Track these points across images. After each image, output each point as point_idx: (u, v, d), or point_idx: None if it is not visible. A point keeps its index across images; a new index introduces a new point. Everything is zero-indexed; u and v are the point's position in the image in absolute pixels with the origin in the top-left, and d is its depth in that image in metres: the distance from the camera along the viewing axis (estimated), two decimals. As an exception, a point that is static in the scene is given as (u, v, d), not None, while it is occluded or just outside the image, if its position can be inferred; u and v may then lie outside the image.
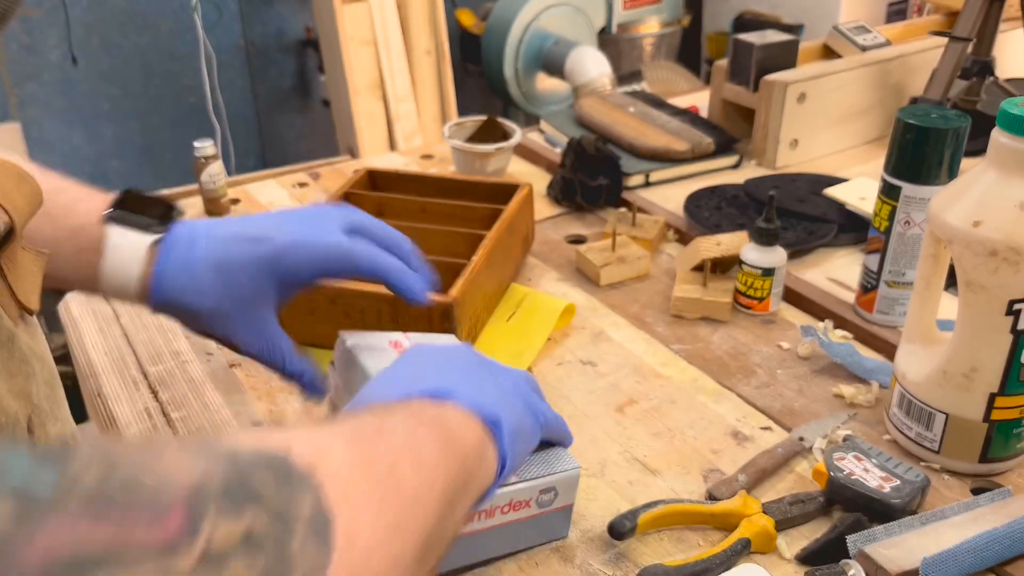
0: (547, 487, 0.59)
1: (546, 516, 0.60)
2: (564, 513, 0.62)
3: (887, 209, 0.80)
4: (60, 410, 0.41)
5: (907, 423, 0.69)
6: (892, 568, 0.56)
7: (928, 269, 0.68)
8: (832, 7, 2.66)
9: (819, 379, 0.80)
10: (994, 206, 0.60)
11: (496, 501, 0.58)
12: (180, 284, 0.59)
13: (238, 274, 0.59)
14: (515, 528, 0.60)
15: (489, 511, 0.58)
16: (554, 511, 0.61)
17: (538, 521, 0.60)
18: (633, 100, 1.32)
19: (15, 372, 0.37)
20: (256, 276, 0.59)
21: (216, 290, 0.59)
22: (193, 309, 0.59)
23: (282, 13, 2.94)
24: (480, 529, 0.58)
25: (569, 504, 0.61)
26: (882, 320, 0.84)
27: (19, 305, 0.39)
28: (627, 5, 2.84)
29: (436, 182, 1.01)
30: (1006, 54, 1.33)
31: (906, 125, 0.76)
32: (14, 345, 0.37)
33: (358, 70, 2.57)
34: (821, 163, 1.21)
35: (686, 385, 0.79)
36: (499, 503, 0.58)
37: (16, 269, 0.39)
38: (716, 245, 0.91)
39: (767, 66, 1.19)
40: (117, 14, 2.69)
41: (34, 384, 0.38)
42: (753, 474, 0.67)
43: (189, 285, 0.59)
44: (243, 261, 0.59)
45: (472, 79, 3.14)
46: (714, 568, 0.59)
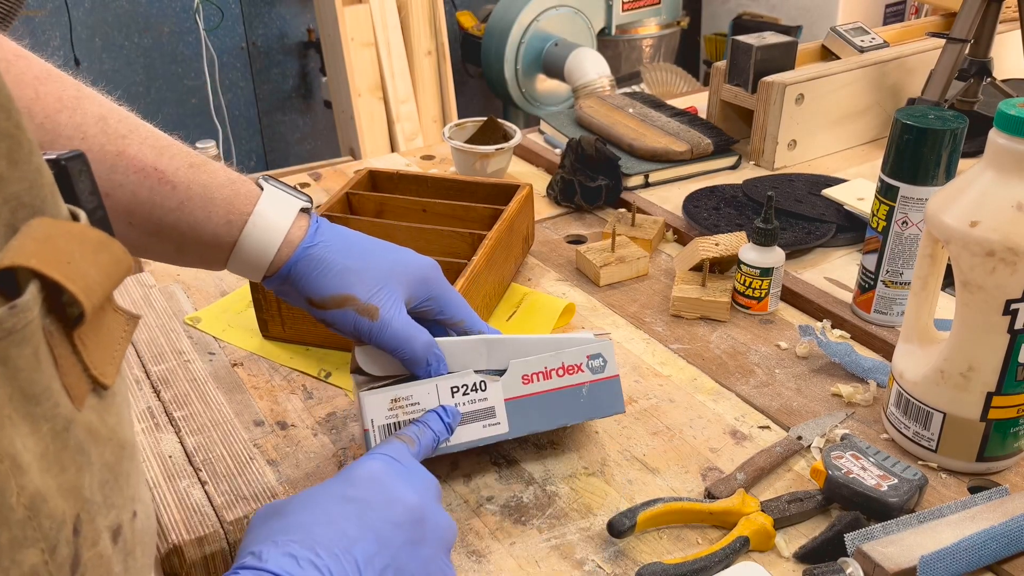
0: (593, 353, 0.65)
1: (599, 385, 0.65)
2: (614, 384, 0.66)
3: (885, 209, 0.80)
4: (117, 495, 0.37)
5: (905, 422, 0.70)
6: (890, 566, 0.57)
7: (925, 269, 0.68)
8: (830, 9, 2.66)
9: (817, 378, 0.80)
10: (991, 206, 0.61)
11: (549, 363, 0.64)
12: (333, 245, 0.62)
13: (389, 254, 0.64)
14: (573, 394, 0.65)
15: (546, 373, 0.64)
16: (605, 380, 0.66)
17: (593, 389, 0.65)
18: (632, 101, 1.32)
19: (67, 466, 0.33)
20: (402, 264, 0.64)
21: (368, 258, 0.63)
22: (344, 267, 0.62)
23: (284, 15, 2.95)
24: (539, 392, 0.64)
25: (616, 375, 0.66)
26: (880, 320, 0.85)
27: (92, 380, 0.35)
28: (626, 7, 2.85)
29: (437, 183, 1.01)
30: (1003, 55, 1.33)
31: (904, 126, 0.76)
32: (69, 434, 0.33)
33: (359, 72, 2.58)
34: (819, 164, 1.22)
35: (685, 384, 0.80)
36: (552, 365, 0.64)
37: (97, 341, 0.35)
38: (715, 245, 0.91)
39: (765, 67, 1.19)
40: (120, 16, 2.69)
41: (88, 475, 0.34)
42: (751, 473, 0.67)
43: (342, 249, 0.62)
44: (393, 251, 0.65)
45: (472, 80, 3.15)
46: (713, 566, 0.59)
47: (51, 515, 0.31)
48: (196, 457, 0.72)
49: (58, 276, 0.32)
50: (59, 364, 0.33)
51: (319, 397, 0.78)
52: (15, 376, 0.30)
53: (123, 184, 0.59)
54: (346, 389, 0.79)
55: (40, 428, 0.31)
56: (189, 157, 0.60)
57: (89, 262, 0.34)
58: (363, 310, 0.61)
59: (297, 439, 0.73)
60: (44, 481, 0.31)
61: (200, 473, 0.70)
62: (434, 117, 2.77)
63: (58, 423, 0.32)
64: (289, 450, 0.72)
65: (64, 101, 0.59)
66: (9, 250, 0.31)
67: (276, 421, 0.76)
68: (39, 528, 0.31)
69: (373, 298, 0.62)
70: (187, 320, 0.90)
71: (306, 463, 0.71)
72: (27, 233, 0.32)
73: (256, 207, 0.61)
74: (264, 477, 0.69)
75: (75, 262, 0.33)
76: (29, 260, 0.31)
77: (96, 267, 0.34)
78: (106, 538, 0.35)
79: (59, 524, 0.32)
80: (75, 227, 0.35)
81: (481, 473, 0.69)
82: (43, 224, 0.33)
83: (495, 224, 0.89)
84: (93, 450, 0.35)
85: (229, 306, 0.92)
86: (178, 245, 0.61)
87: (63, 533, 0.32)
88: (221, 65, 2.85)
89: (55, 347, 0.33)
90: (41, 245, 0.32)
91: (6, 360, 0.30)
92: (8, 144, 0.32)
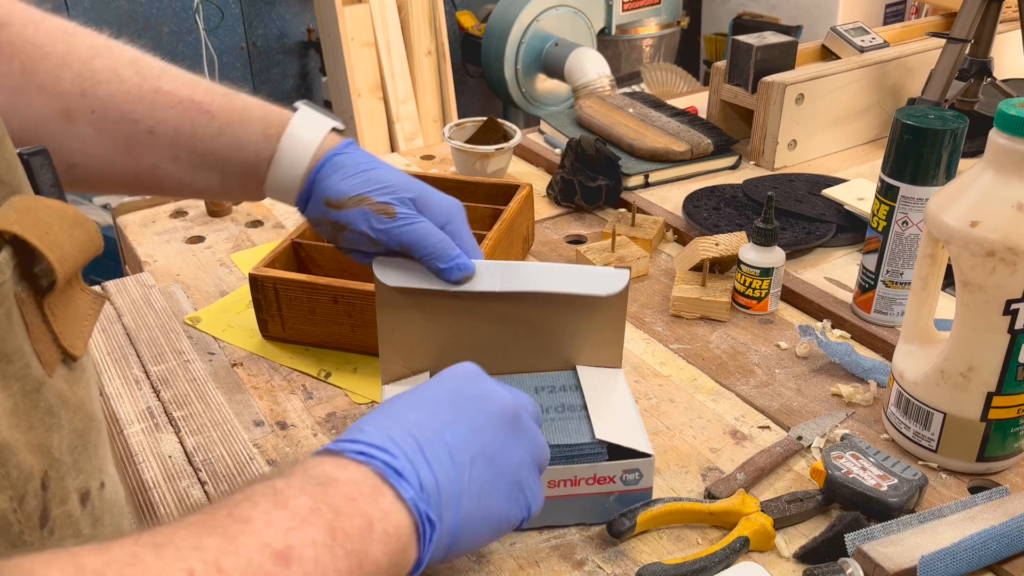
0: (630, 468, 0.62)
1: (629, 495, 0.63)
2: (646, 495, 0.64)
3: (885, 209, 0.80)
4: (86, 462, 0.39)
5: (905, 422, 0.70)
6: (890, 566, 0.57)
7: (926, 269, 0.68)
8: (830, 8, 2.66)
9: (817, 378, 0.80)
10: (991, 206, 0.61)
11: (580, 472, 0.61)
12: (357, 156, 0.64)
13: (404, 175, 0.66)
14: (599, 500, 0.63)
15: (574, 480, 0.61)
16: (636, 491, 0.63)
17: (622, 498, 0.63)
18: (632, 101, 1.32)
19: (36, 424, 0.35)
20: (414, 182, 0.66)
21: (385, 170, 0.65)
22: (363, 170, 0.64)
23: (284, 15, 2.94)
24: (563, 495, 0.62)
25: (650, 487, 0.64)
26: (880, 320, 0.85)
27: (62, 351, 0.37)
28: (626, 7, 2.85)
29: (437, 182, 1.01)
30: (1004, 55, 1.33)
31: (904, 126, 0.76)
32: (39, 395, 0.35)
33: (359, 71, 2.58)
34: (819, 164, 1.22)
35: (685, 384, 0.79)
36: (583, 475, 0.61)
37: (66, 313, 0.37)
38: (715, 245, 0.91)
39: (765, 67, 1.19)
40: (119, 15, 2.69)
41: (56, 436, 0.36)
42: (751, 473, 0.67)
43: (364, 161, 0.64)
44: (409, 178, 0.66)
45: (472, 80, 3.15)
46: (713, 566, 0.59)
47: (18, 466, 0.33)
48: (196, 457, 0.72)
49: (36, 242, 0.34)
50: (30, 329, 0.35)
51: (319, 397, 0.78)
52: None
53: (165, 120, 0.62)
54: (346, 389, 0.79)
55: (11, 386, 0.33)
56: (222, 88, 0.64)
57: (65, 235, 0.36)
58: (379, 208, 0.63)
59: (297, 439, 0.73)
60: (13, 435, 0.33)
61: (200, 473, 0.70)
62: (434, 117, 2.77)
63: (28, 383, 0.34)
64: (289, 450, 0.72)
65: (96, 49, 0.62)
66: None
67: (276, 421, 0.76)
68: (7, 477, 0.33)
69: (390, 199, 0.63)
70: (187, 320, 0.89)
71: (306, 463, 0.71)
72: (9, 204, 0.34)
73: (291, 122, 0.64)
74: (264, 477, 0.69)
75: (53, 233, 0.35)
76: (11, 226, 0.33)
77: (71, 240, 0.36)
78: (74, 499, 0.37)
79: (27, 476, 0.34)
80: (54, 203, 0.37)
81: (481, 473, 0.69)
82: (24, 199, 0.35)
83: (495, 224, 0.89)
84: (63, 414, 0.37)
85: (229, 306, 0.92)
86: (222, 172, 0.64)
87: (31, 485, 0.34)
88: (221, 65, 2.85)
89: (26, 313, 0.35)
90: (23, 215, 0.34)
91: None
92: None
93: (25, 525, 0.33)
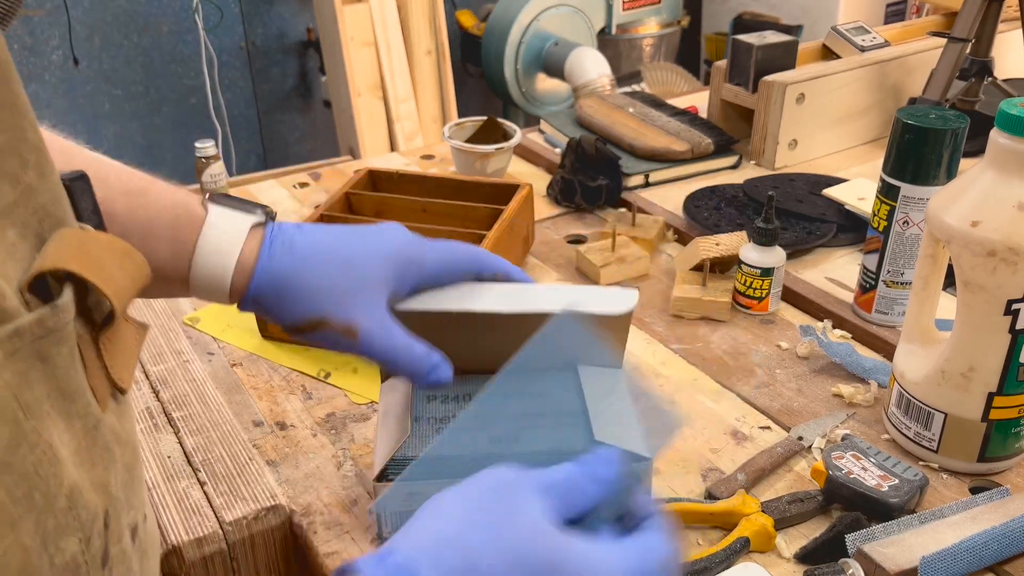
0: None
1: None
2: None
3: (886, 209, 0.80)
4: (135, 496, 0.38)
5: (906, 422, 0.70)
6: (891, 567, 0.57)
7: (926, 269, 0.68)
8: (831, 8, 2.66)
9: (818, 379, 0.80)
10: (992, 206, 0.61)
11: None
12: (292, 262, 0.55)
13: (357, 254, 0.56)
14: None
15: None
16: None
17: None
18: (632, 101, 1.32)
19: (96, 462, 0.34)
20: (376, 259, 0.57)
21: (334, 269, 0.56)
22: (308, 286, 0.55)
23: (283, 14, 2.94)
24: None
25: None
26: (881, 320, 0.85)
27: (112, 384, 0.36)
28: (626, 6, 2.85)
29: (436, 182, 1.01)
30: (1004, 55, 1.33)
31: (905, 125, 0.76)
32: (98, 432, 0.34)
33: (359, 71, 2.58)
34: (820, 163, 1.21)
35: (685, 384, 0.79)
36: None
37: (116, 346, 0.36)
38: (715, 245, 0.91)
39: (766, 67, 1.19)
40: (119, 15, 2.69)
41: (113, 473, 0.35)
42: (752, 473, 0.67)
43: (303, 263, 0.55)
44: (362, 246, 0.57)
45: (472, 80, 3.15)
46: (713, 567, 0.59)
47: (86, 507, 0.33)
48: (195, 457, 0.71)
49: (94, 279, 0.33)
50: (87, 366, 0.34)
51: (318, 397, 0.78)
52: (54, 374, 0.31)
53: None
54: (346, 389, 0.79)
55: (74, 425, 0.33)
56: (127, 183, 0.54)
57: (117, 267, 0.35)
58: (342, 330, 0.55)
59: (296, 439, 0.73)
60: (79, 474, 0.33)
61: (199, 473, 0.70)
62: (434, 117, 2.77)
63: (89, 421, 0.34)
64: (288, 450, 0.72)
65: None
66: (48, 255, 0.32)
67: (275, 421, 0.75)
68: (77, 518, 0.32)
69: (349, 315, 0.55)
70: (186, 320, 0.89)
71: (305, 464, 0.71)
72: (61, 240, 0.33)
73: (201, 234, 0.55)
74: (263, 477, 0.69)
75: (106, 267, 0.34)
76: (68, 263, 0.32)
77: (123, 273, 0.35)
78: (127, 536, 0.37)
79: (93, 516, 0.33)
80: (102, 236, 0.36)
81: (481, 473, 0.69)
82: (73, 233, 0.34)
83: (495, 224, 0.89)
84: (117, 450, 0.36)
85: (228, 306, 0.91)
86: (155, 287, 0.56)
87: (96, 525, 0.34)
88: (220, 64, 2.85)
89: (84, 350, 0.34)
90: (77, 251, 0.33)
91: (46, 358, 0.31)
92: (37, 157, 0.33)
93: (91, 566, 0.33)
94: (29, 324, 0.30)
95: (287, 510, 0.67)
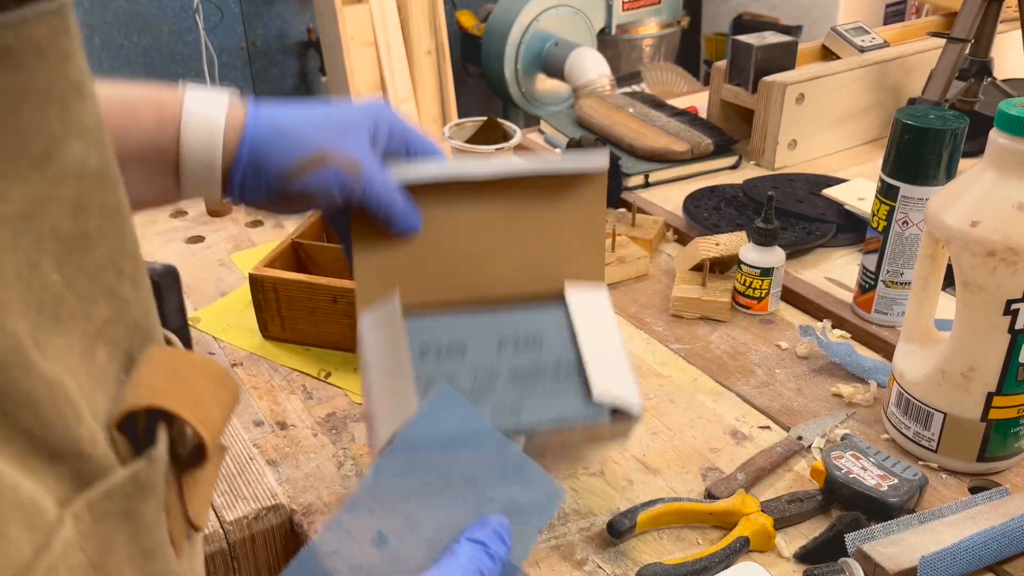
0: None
1: None
2: None
3: (885, 209, 0.80)
4: None
5: (905, 422, 0.70)
6: (890, 566, 0.57)
7: (926, 269, 0.68)
8: (830, 8, 2.66)
9: (817, 378, 0.80)
10: (992, 206, 0.61)
11: None
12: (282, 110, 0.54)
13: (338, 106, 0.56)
14: None
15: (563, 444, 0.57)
16: None
17: None
18: (632, 101, 1.32)
19: None
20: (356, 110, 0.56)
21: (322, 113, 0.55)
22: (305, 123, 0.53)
23: (283, 14, 2.94)
24: None
25: None
26: (880, 320, 0.85)
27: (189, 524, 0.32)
28: (626, 7, 2.85)
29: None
30: (1004, 55, 1.33)
31: (904, 126, 0.76)
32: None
33: (359, 71, 2.58)
34: (819, 163, 1.21)
35: (685, 384, 0.79)
36: None
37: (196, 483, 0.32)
38: (715, 245, 0.91)
39: (766, 67, 1.19)
40: (119, 15, 2.69)
41: None
42: (752, 473, 0.67)
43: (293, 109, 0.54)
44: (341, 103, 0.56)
45: (472, 80, 3.15)
46: (713, 566, 0.59)
47: None
48: (196, 457, 0.71)
49: (191, 417, 0.30)
50: (169, 513, 0.30)
51: (319, 397, 0.78)
52: (138, 532, 0.28)
53: None
54: (346, 389, 0.79)
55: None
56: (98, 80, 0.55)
57: (214, 401, 0.32)
58: (346, 165, 0.53)
59: (297, 439, 0.73)
60: None
61: (200, 473, 0.70)
62: (434, 117, 2.77)
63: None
64: (289, 450, 0.72)
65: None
66: (141, 386, 0.29)
67: (276, 421, 0.76)
68: None
69: (350, 149, 0.53)
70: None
71: (306, 463, 0.71)
72: (152, 365, 0.30)
73: (184, 98, 0.52)
74: (264, 477, 0.69)
75: (203, 402, 0.31)
76: (164, 399, 0.29)
77: (219, 406, 0.32)
78: None
79: None
80: (196, 359, 0.32)
81: (481, 473, 0.69)
82: (165, 355, 0.31)
83: (495, 224, 0.89)
84: None
85: (229, 306, 0.92)
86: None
87: None
88: (221, 65, 2.85)
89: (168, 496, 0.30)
90: (171, 382, 0.30)
91: (134, 517, 0.28)
92: (133, 266, 0.30)
93: None
94: (122, 483, 0.27)
95: (288, 509, 0.67)
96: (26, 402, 0.24)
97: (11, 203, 0.24)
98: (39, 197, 0.25)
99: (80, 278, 0.27)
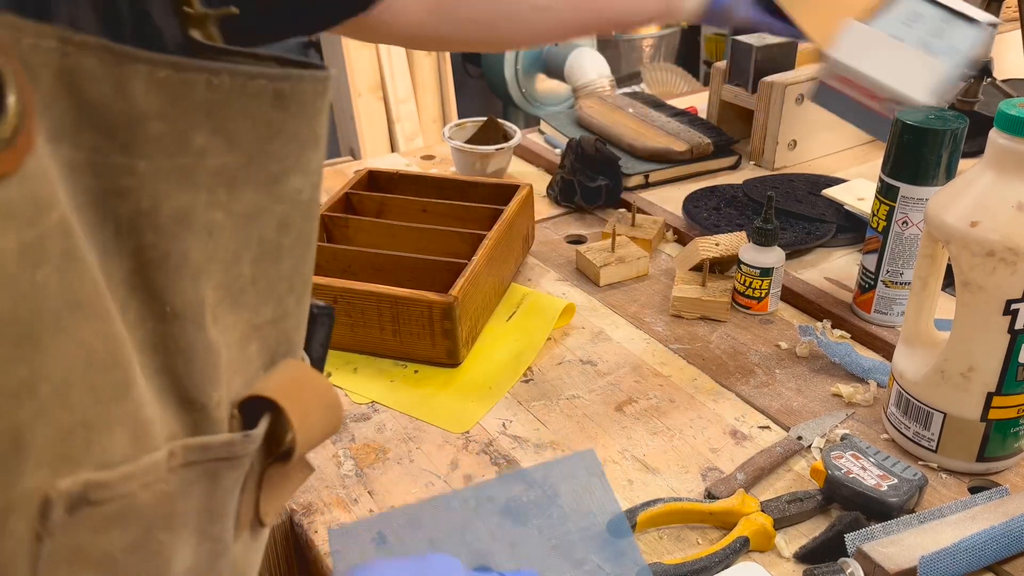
0: None
1: None
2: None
3: (885, 209, 0.80)
4: None
5: (905, 422, 0.70)
6: (890, 566, 0.57)
7: (925, 269, 0.68)
8: (831, 8, 2.65)
9: (817, 378, 0.80)
10: (991, 207, 0.61)
11: None
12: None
13: None
14: None
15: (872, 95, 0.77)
16: None
17: None
18: (632, 101, 1.32)
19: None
20: None
21: None
22: None
23: (282, 14, 2.94)
24: None
25: None
26: (880, 320, 0.85)
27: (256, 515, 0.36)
28: (627, 7, 2.84)
29: (437, 182, 1.01)
30: (1004, 55, 1.33)
31: (904, 126, 0.76)
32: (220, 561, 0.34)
33: (359, 71, 2.58)
34: (819, 164, 1.22)
35: (685, 384, 0.79)
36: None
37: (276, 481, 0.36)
38: (715, 245, 0.91)
39: (766, 67, 1.19)
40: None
41: None
42: (751, 473, 0.67)
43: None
44: None
45: (472, 80, 3.15)
46: (713, 566, 0.59)
47: None
48: (196, 457, 0.71)
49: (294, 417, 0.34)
50: (244, 493, 0.34)
51: (319, 397, 0.78)
52: (213, 494, 0.32)
53: None
54: (346, 389, 0.79)
55: (202, 546, 0.33)
56: None
57: (318, 416, 0.35)
58: None
59: (297, 439, 0.73)
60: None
61: (200, 473, 0.70)
62: (434, 117, 2.77)
63: (218, 546, 0.33)
64: (289, 450, 0.72)
65: None
66: (268, 380, 0.34)
67: (276, 421, 0.75)
68: None
69: None
70: (187, 320, 0.89)
71: (306, 463, 0.71)
72: (283, 370, 0.35)
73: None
74: (264, 477, 0.69)
75: (310, 416, 0.35)
76: (277, 394, 0.33)
77: (322, 423, 0.36)
78: None
79: None
80: (320, 380, 0.37)
81: (481, 473, 0.69)
82: (298, 367, 0.36)
83: (495, 224, 0.89)
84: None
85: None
86: None
87: None
88: (221, 65, 2.85)
89: (248, 478, 0.34)
90: (290, 385, 0.34)
91: (216, 478, 0.31)
92: (303, 286, 0.35)
93: None
94: (218, 444, 0.31)
95: (287, 509, 0.67)
96: (186, 351, 0.30)
97: (242, 203, 0.30)
98: (260, 207, 0.31)
99: (263, 279, 0.33)
